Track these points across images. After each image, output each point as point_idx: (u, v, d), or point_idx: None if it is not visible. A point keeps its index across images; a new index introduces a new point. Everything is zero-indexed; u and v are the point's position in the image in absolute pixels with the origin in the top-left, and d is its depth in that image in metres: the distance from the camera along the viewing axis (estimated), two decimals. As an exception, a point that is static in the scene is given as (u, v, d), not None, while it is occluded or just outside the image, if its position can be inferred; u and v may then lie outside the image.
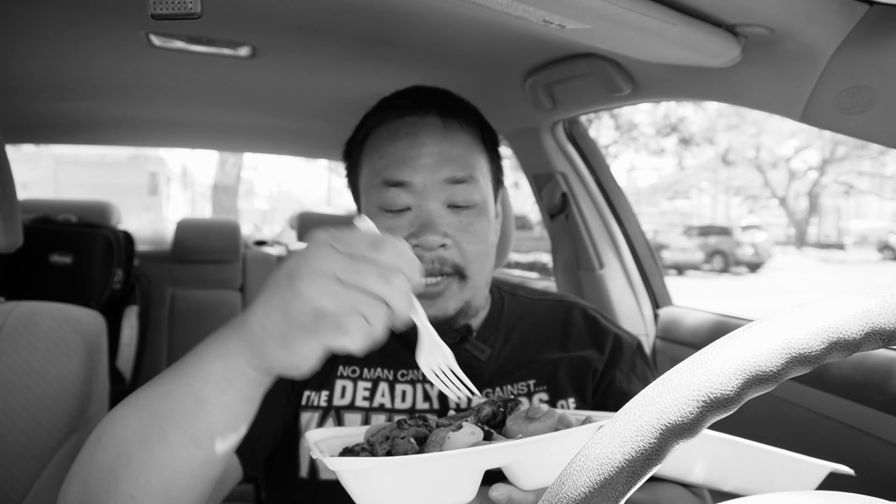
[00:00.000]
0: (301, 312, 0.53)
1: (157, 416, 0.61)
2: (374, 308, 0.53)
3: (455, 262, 0.94)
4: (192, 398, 0.60)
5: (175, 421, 0.60)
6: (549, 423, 0.71)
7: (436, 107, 1.01)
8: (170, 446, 0.60)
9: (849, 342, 0.36)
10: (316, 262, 0.54)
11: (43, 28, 1.30)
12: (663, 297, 1.94)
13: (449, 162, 0.95)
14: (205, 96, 1.92)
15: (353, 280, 0.53)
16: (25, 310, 1.09)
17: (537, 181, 1.97)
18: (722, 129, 20.46)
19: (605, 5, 0.85)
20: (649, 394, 0.39)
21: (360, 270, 0.53)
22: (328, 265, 0.53)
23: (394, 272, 0.54)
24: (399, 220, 0.95)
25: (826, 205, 27.47)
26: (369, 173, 1.00)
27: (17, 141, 2.70)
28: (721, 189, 28.93)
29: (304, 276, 0.54)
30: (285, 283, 0.55)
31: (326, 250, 0.54)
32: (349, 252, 0.54)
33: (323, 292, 0.53)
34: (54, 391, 1.04)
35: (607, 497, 0.36)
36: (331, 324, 0.52)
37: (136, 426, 0.62)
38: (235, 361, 0.59)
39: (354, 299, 0.53)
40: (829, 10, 0.88)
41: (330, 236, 0.55)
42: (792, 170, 24.46)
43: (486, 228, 0.99)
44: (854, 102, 0.91)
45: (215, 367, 0.60)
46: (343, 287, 0.53)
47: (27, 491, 1.01)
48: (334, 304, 0.53)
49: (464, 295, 0.96)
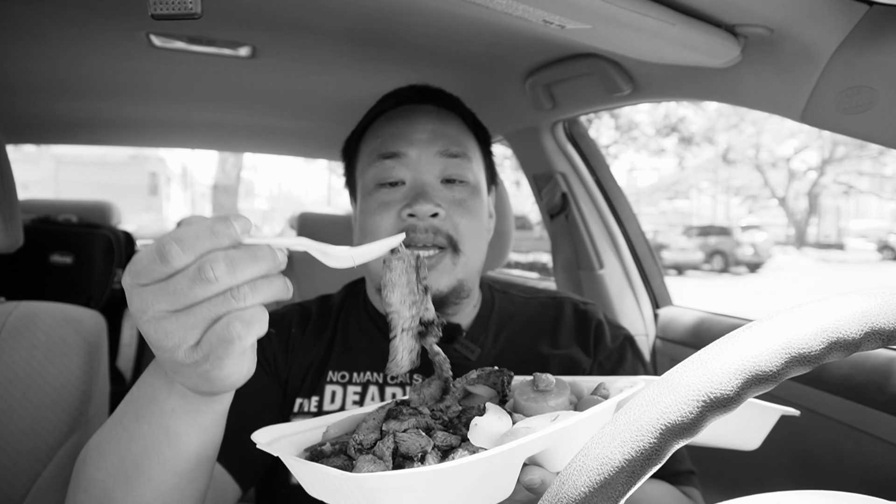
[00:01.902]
0: (172, 356, 0.49)
1: (131, 456, 0.60)
2: (226, 301, 0.47)
3: (448, 232, 0.95)
4: (164, 434, 0.59)
5: (152, 459, 0.59)
6: (566, 394, 0.67)
7: (431, 99, 1.05)
8: (151, 481, 0.60)
9: (848, 342, 0.36)
10: (139, 311, 0.49)
11: (43, 28, 1.30)
12: (663, 297, 1.94)
13: (443, 137, 0.98)
14: (205, 96, 1.92)
15: (180, 303, 0.47)
16: (26, 310, 1.09)
17: (537, 181, 1.97)
18: (722, 128, 20.47)
19: (605, 5, 0.85)
20: (649, 394, 0.39)
21: (175, 290, 0.47)
22: (150, 307, 0.48)
23: (211, 263, 0.46)
24: (394, 193, 0.96)
25: (826, 205, 27.46)
26: (366, 155, 1.02)
27: (17, 141, 2.70)
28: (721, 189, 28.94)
29: (144, 328, 0.49)
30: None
31: (138, 293, 0.48)
32: (154, 279, 0.48)
33: (170, 332, 0.48)
34: (54, 391, 1.04)
35: (607, 497, 0.36)
36: (208, 345, 0.48)
37: (110, 469, 0.61)
38: (188, 393, 0.57)
39: (202, 312, 0.47)
40: (829, 10, 0.88)
41: (130, 276, 0.49)
42: (792, 170, 24.46)
43: (480, 207, 1.00)
44: (854, 102, 0.91)
45: (174, 402, 0.58)
46: (182, 313, 0.47)
47: (27, 491, 1.01)
48: (189, 333, 0.48)
49: (457, 272, 0.96)
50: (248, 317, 0.48)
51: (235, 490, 0.86)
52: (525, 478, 0.58)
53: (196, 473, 0.62)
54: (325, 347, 1.00)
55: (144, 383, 0.60)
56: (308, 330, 1.02)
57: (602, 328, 1.04)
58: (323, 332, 1.02)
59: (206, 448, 0.62)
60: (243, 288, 0.48)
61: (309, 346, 1.00)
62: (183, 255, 0.46)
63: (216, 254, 0.47)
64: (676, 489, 0.90)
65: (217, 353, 0.48)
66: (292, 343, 1.00)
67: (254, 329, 0.48)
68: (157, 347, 0.50)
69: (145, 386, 0.60)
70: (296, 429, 0.69)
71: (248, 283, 0.48)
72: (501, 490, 0.57)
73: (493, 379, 0.72)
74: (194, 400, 0.57)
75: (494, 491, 0.57)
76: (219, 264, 0.46)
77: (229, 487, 0.85)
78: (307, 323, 1.03)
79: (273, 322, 1.02)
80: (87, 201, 2.94)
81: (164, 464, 0.60)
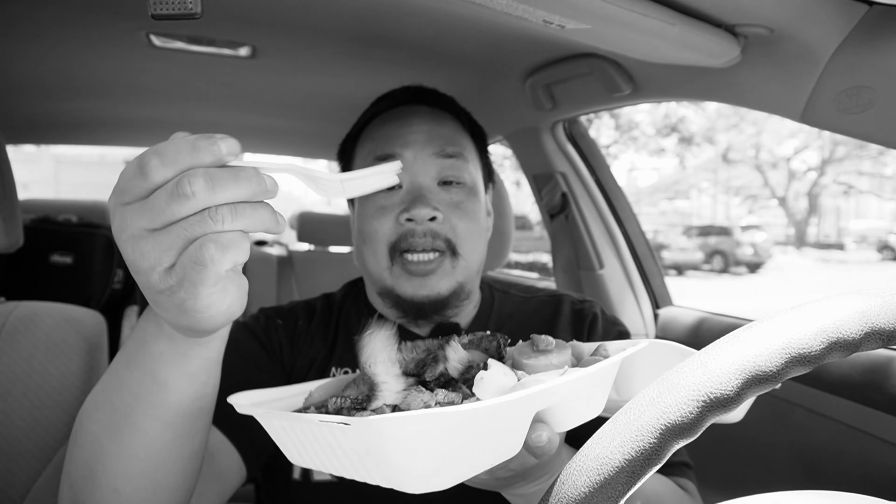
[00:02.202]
0: (147, 279, 0.48)
1: (122, 406, 0.59)
2: (203, 221, 0.45)
3: (447, 236, 0.95)
4: (152, 381, 0.57)
5: (141, 408, 0.58)
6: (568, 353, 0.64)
7: (426, 100, 1.05)
8: (141, 433, 0.59)
9: (848, 342, 0.36)
10: (119, 230, 0.48)
11: (43, 28, 1.30)
12: (663, 297, 1.94)
13: (438, 138, 0.98)
14: (205, 96, 1.92)
15: (158, 220, 0.46)
16: (26, 310, 1.09)
17: (537, 181, 1.97)
18: (722, 129, 20.47)
19: (605, 5, 0.85)
20: (649, 394, 0.39)
21: (153, 206, 0.45)
22: (129, 225, 0.47)
23: (189, 177, 0.44)
24: (391, 197, 0.95)
25: (826, 205, 27.47)
26: (361, 158, 1.02)
27: (17, 141, 2.70)
28: (721, 189, 28.94)
29: (123, 248, 0.48)
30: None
31: (120, 212, 0.47)
32: (135, 196, 0.47)
33: (145, 252, 0.46)
34: (54, 391, 1.04)
35: (607, 497, 0.36)
36: (182, 269, 0.46)
37: (103, 420, 0.61)
38: (175, 334, 0.55)
39: (178, 231, 0.46)
40: (829, 10, 0.88)
41: (115, 194, 0.48)
42: (792, 170, 24.47)
43: (477, 208, 0.99)
44: (854, 102, 0.91)
45: (161, 345, 0.56)
46: (159, 232, 0.46)
47: (27, 490, 1.01)
48: (164, 254, 0.46)
49: (456, 275, 0.96)
50: (225, 240, 0.46)
51: (241, 469, 0.84)
52: (532, 434, 0.57)
53: (187, 429, 0.60)
54: (328, 344, 1.00)
55: (138, 328, 0.59)
56: (314, 324, 1.03)
57: (596, 322, 1.03)
58: (327, 329, 1.02)
59: (196, 400, 0.60)
60: (222, 209, 0.45)
61: (313, 341, 1.00)
62: (162, 169, 0.45)
63: (196, 170, 0.45)
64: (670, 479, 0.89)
65: (191, 279, 0.46)
66: (298, 335, 1.00)
67: (229, 253, 0.46)
68: (134, 269, 0.48)
69: (138, 330, 0.59)
70: (277, 394, 0.65)
71: (228, 206, 0.46)
72: (510, 446, 0.54)
73: (485, 344, 0.68)
74: (181, 343, 0.56)
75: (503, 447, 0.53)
76: (197, 180, 0.44)
77: (235, 465, 0.83)
78: (312, 318, 1.04)
79: (280, 315, 1.03)
80: (87, 201, 2.94)
81: (153, 413, 0.58)
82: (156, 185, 0.45)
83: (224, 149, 0.46)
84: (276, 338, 0.98)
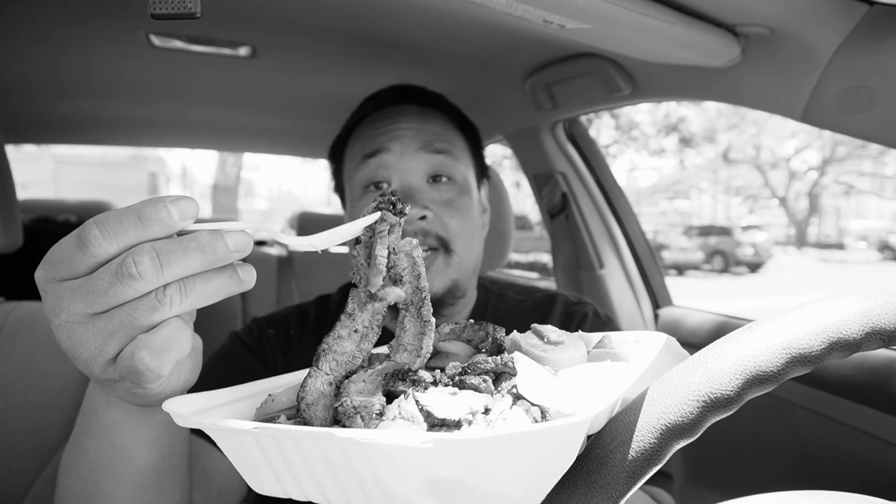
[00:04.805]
0: (87, 368, 0.43)
1: (87, 473, 0.56)
2: (150, 304, 0.40)
3: (438, 234, 0.94)
4: (112, 449, 0.54)
5: (105, 476, 0.55)
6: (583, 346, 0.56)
7: (414, 98, 1.05)
8: (111, 497, 0.56)
9: (849, 342, 0.36)
10: (52, 312, 0.42)
11: (43, 28, 1.30)
12: (663, 297, 1.94)
13: (426, 134, 0.98)
14: (204, 96, 1.92)
15: (99, 304, 0.40)
16: (25, 310, 1.09)
17: (537, 181, 1.97)
18: (722, 128, 20.47)
19: (605, 5, 0.85)
20: (649, 394, 0.39)
21: (94, 288, 0.40)
22: (65, 308, 0.41)
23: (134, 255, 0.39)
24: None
25: (826, 205, 27.46)
26: (351, 159, 1.02)
27: (17, 141, 2.70)
28: (721, 189, 28.93)
29: (57, 333, 0.42)
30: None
31: (52, 290, 0.41)
32: (72, 273, 0.41)
33: (84, 341, 0.41)
34: (54, 391, 1.04)
35: (607, 497, 0.36)
36: (125, 362, 0.41)
37: (73, 487, 0.58)
38: (125, 404, 0.51)
39: (121, 317, 0.40)
40: (829, 10, 0.87)
41: (45, 267, 0.42)
42: (792, 170, 24.46)
43: (469, 205, 0.99)
44: (854, 102, 0.91)
45: (113, 414, 0.52)
46: (101, 318, 0.41)
47: (27, 490, 1.00)
48: (107, 343, 0.41)
49: (450, 273, 0.95)
50: (158, 343, 0.40)
51: (241, 488, 0.84)
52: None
53: (161, 486, 0.57)
54: None
55: (87, 395, 0.55)
56: (306, 332, 1.02)
57: (585, 323, 1.01)
58: (321, 334, 1.02)
59: (163, 461, 0.56)
60: (170, 289, 0.40)
61: (307, 349, 0.99)
62: (104, 243, 0.39)
63: (142, 246, 0.39)
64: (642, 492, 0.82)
65: (134, 378, 0.42)
66: (291, 345, 1.00)
67: (167, 357, 0.40)
68: (72, 357, 0.43)
69: (88, 398, 0.55)
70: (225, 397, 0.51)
71: (177, 283, 0.40)
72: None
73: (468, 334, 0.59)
74: (134, 412, 0.52)
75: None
76: (143, 258, 0.39)
77: (234, 484, 0.83)
78: (305, 325, 1.03)
79: (273, 324, 1.02)
80: (87, 201, 2.94)
81: (119, 480, 0.55)
82: (98, 260, 0.40)
83: (175, 214, 0.40)
84: (269, 350, 0.98)
